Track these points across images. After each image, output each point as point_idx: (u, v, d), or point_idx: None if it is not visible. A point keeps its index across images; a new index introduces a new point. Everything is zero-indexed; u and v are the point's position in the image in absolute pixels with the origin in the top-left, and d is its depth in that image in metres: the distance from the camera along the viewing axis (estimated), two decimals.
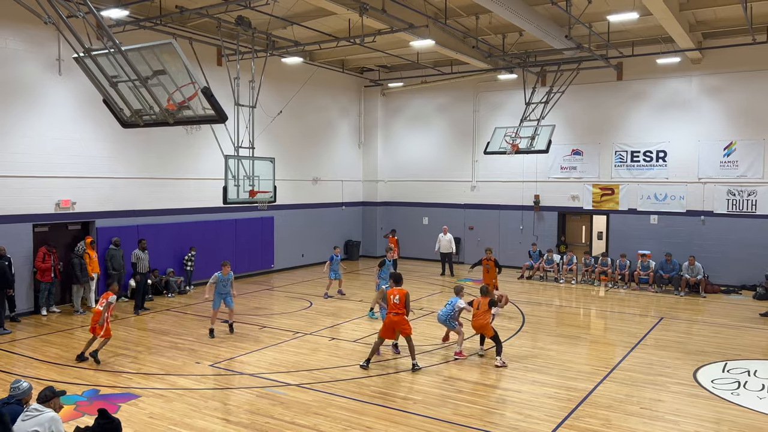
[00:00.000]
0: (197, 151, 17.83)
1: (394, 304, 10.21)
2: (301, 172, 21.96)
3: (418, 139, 24.42)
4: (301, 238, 21.99)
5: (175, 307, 15.27)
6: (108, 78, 8.09)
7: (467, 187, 23.27)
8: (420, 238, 23.89)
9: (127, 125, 8.76)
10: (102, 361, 10.59)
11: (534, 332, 13.08)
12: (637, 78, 19.80)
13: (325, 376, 9.95)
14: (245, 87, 14.18)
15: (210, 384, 9.58)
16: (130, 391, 9.15)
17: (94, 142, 15.37)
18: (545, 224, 21.70)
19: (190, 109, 8.02)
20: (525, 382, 9.68)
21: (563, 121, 20.49)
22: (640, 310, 15.49)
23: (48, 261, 13.89)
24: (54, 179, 14.54)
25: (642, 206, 19.94)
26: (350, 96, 24.60)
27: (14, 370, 10.18)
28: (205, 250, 17.94)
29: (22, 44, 13.90)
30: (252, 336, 12.51)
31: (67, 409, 8.19)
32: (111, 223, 15.77)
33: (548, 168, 21.46)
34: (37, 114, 14.24)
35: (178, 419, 8.10)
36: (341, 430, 7.77)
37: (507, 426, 7.96)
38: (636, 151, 20.01)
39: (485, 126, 22.22)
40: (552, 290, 18.28)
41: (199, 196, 18.01)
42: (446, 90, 23.31)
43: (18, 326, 13.13)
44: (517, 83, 20.39)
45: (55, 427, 5.60)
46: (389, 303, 10.30)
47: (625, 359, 11.01)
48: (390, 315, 10.24)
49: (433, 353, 11.28)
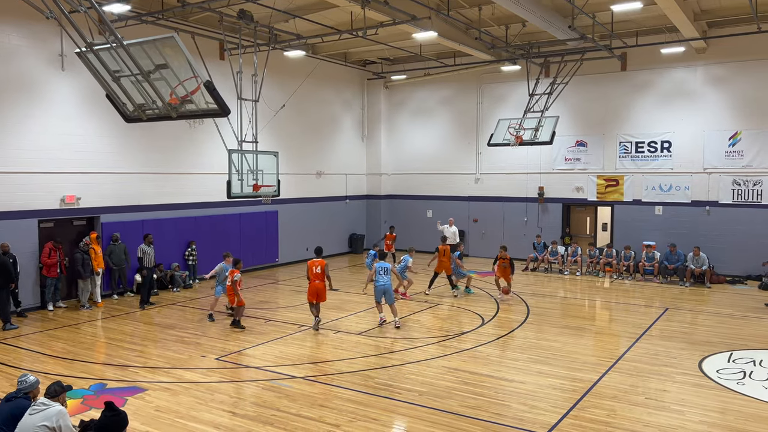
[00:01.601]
0: (201, 145, 17.84)
1: (316, 274, 12.25)
2: (304, 166, 21.97)
3: (421, 131, 24.37)
4: (305, 231, 22.01)
5: (180, 302, 15.33)
6: (110, 73, 8.09)
7: (471, 180, 23.24)
8: (424, 231, 23.88)
9: (130, 120, 8.76)
10: (115, 355, 10.65)
11: (539, 324, 13.08)
12: (642, 68, 19.69)
13: (331, 368, 9.99)
14: (248, 81, 14.17)
15: (216, 377, 9.63)
16: (137, 385, 9.20)
17: (98, 138, 15.40)
18: (549, 216, 21.66)
19: (192, 103, 8.02)
20: (530, 374, 9.69)
21: (567, 112, 20.42)
22: (645, 301, 15.47)
23: (54, 256, 13.95)
24: (59, 175, 14.58)
25: (647, 197, 19.87)
26: (353, 89, 24.56)
27: (21, 364, 10.25)
28: (209, 245, 17.99)
29: (24, 40, 13.91)
30: (257, 329, 12.56)
31: (74, 403, 8.26)
32: (116, 218, 15.82)
33: (552, 159, 21.40)
34: (41, 110, 14.27)
35: (185, 412, 8.14)
36: (347, 421, 7.80)
37: (512, 417, 7.97)
38: (640, 142, 19.93)
39: (489, 118, 22.17)
40: (557, 282, 18.27)
41: (203, 191, 18.03)
42: (449, 82, 23.24)
43: (25, 321, 13.21)
44: (521, 74, 20.30)
45: (63, 421, 5.64)
46: (312, 273, 12.30)
47: (630, 350, 11.01)
48: (314, 282, 12.25)
49: (438, 345, 11.31)
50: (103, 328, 12.94)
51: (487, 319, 13.41)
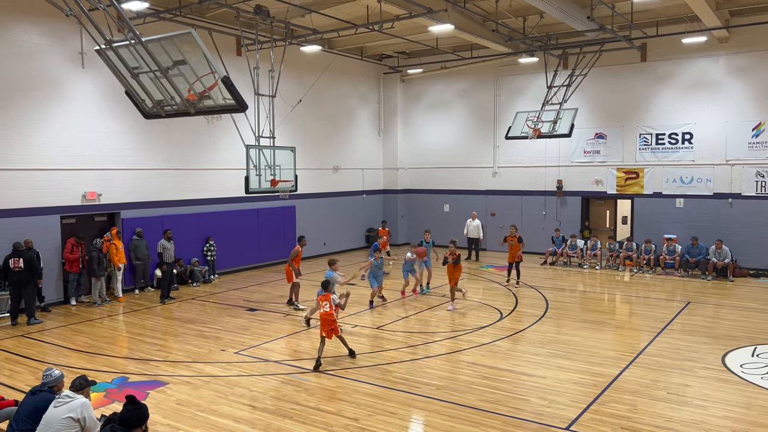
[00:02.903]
0: (219, 141, 17.95)
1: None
2: (321, 161, 22.01)
3: (438, 125, 24.27)
4: (322, 226, 22.07)
5: (200, 296, 15.46)
6: (129, 69, 8.16)
7: (488, 173, 23.11)
8: (441, 226, 23.81)
9: (149, 116, 8.84)
10: (136, 349, 10.79)
11: (558, 318, 12.99)
12: (662, 59, 19.39)
13: (349, 362, 10.01)
14: (264, 76, 14.20)
15: (235, 371, 9.70)
16: (158, 379, 9.31)
17: (119, 135, 15.56)
18: (568, 209, 21.47)
19: (210, 99, 8.07)
20: (549, 368, 9.63)
21: (586, 104, 20.20)
22: (666, 295, 15.28)
23: (76, 252, 14.15)
24: (80, 171, 14.77)
25: (667, 190, 19.60)
26: (369, 83, 24.52)
27: (46, 358, 10.42)
28: (228, 240, 18.13)
29: (45, 38, 14.08)
30: (276, 324, 12.63)
31: (97, 396, 8.38)
32: (136, 214, 15.99)
33: (571, 152, 21.19)
34: (63, 107, 14.45)
35: (205, 406, 8.22)
36: (366, 415, 7.82)
37: (532, 411, 7.93)
38: (661, 134, 19.65)
39: (506, 111, 22.01)
40: (576, 276, 18.12)
41: (221, 186, 18.16)
42: (466, 75, 23.10)
43: (48, 316, 13.42)
44: (539, 67, 20.11)
45: (87, 413, 5.72)
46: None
47: (651, 344, 10.88)
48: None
49: (456, 339, 11.28)
50: (125, 322, 13.11)
51: (506, 313, 13.34)
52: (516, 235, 16.56)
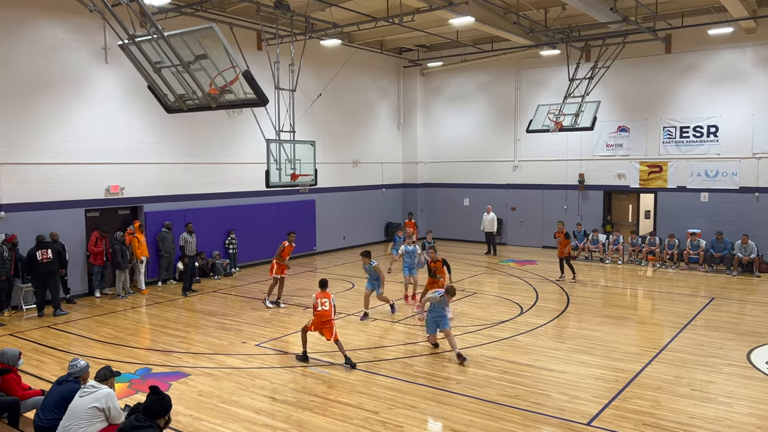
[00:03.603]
0: (239, 135, 18.07)
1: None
2: (341, 155, 22.04)
3: (458, 118, 24.15)
4: (342, 220, 22.13)
5: (221, 289, 15.61)
6: (152, 64, 8.23)
7: (509, 167, 22.95)
8: (461, 220, 23.75)
9: (172, 110, 8.91)
10: (159, 341, 10.95)
11: (579, 313, 12.88)
12: (687, 50, 19.04)
13: (369, 355, 10.04)
14: (285, 71, 14.24)
15: (256, 363, 9.79)
16: (181, 370, 9.43)
17: (141, 129, 15.74)
18: (590, 203, 21.25)
19: (231, 93, 8.11)
20: (571, 363, 9.56)
21: (609, 97, 19.93)
22: (690, 291, 15.07)
23: (100, 245, 14.38)
24: (103, 165, 14.97)
25: (692, 183, 19.29)
26: (389, 77, 24.47)
27: (71, 349, 10.61)
28: (248, 233, 18.27)
29: (69, 34, 14.27)
30: (296, 316, 12.71)
31: (121, 387, 8.51)
32: (158, 207, 16.18)
33: (593, 146, 20.95)
34: (87, 102, 14.64)
35: (227, 397, 8.31)
36: (386, 408, 7.84)
37: (553, 407, 7.88)
38: (685, 127, 19.32)
39: (527, 104, 21.81)
40: (597, 271, 17.93)
41: (242, 180, 18.29)
42: (487, 68, 22.93)
43: (73, 307, 13.66)
44: (561, 59, 19.88)
45: (111, 403, 5.82)
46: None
47: (675, 340, 10.74)
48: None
49: (477, 334, 11.25)
50: (148, 314, 13.29)
51: (526, 308, 13.26)
52: (563, 230, 16.29)
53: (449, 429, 7.27)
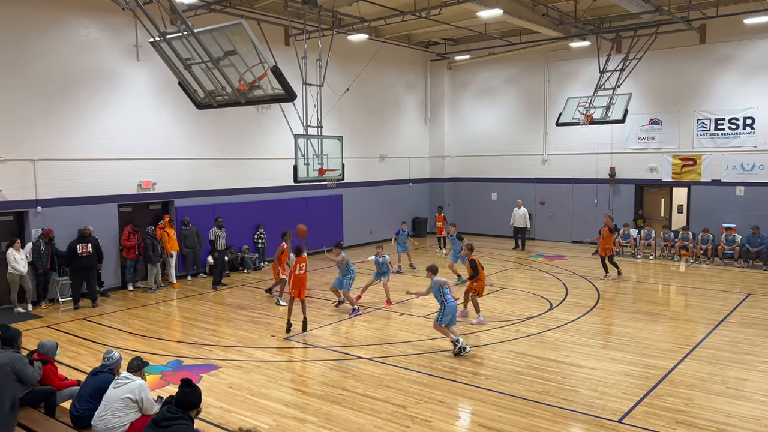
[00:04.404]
0: (268, 131, 18.21)
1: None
2: (368, 150, 22.06)
3: (486, 112, 23.95)
4: (369, 215, 22.16)
5: (250, 283, 15.79)
6: (182, 60, 8.35)
7: (538, 161, 22.69)
8: (489, 214, 23.58)
9: (202, 106, 9.03)
10: (190, 334, 11.14)
11: (609, 309, 12.70)
12: (722, 40, 18.55)
13: (396, 350, 10.05)
14: (312, 66, 14.29)
15: (285, 356, 9.88)
16: (211, 362, 9.57)
17: (172, 125, 15.97)
18: (621, 198, 20.90)
19: (260, 89, 8.19)
20: (600, 359, 9.43)
21: (640, 89, 19.53)
22: (725, 287, 14.73)
23: (132, 239, 14.66)
24: (135, 161, 15.25)
25: (727, 177, 18.82)
26: (416, 71, 24.38)
27: (105, 341, 10.85)
28: (277, 228, 18.36)
29: (102, 32, 14.54)
30: (324, 311, 12.78)
31: (154, 378, 8.68)
32: (189, 202, 16.42)
33: (624, 139, 20.59)
34: (119, 99, 14.91)
35: (256, 389, 8.41)
36: (414, 403, 7.84)
37: (582, 403, 7.79)
38: (720, 119, 18.85)
39: (557, 97, 21.52)
40: (628, 266, 17.62)
41: (270, 175, 18.44)
42: (515, 61, 22.68)
43: (107, 300, 13.97)
44: (591, 51, 19.56)
45: (144, 394, 5.95)
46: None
47: (708, 337, 10.52)
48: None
49: (505, 329, 11.17)
50: (179, 307, 13.52)
51: (556, 303, 13.13)
52: (611, 224, 15.55)
53: (477, 424, 7.24)
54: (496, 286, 14.91)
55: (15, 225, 13.57)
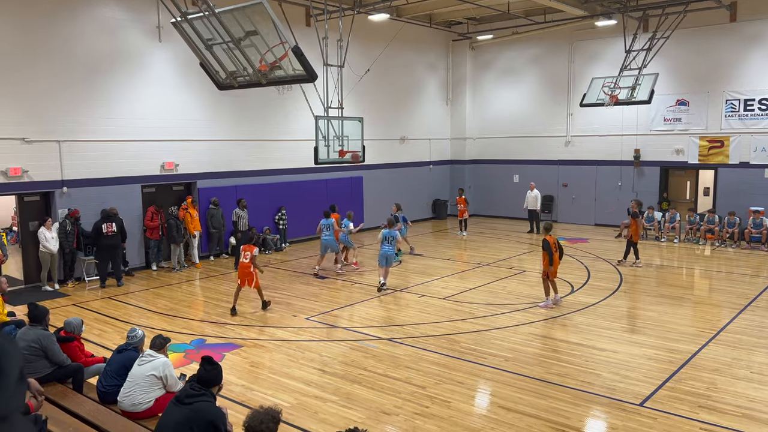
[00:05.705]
0: (289, 112, 18.21)
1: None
2: (388, 132, 21.96)
3: (508, 93, 23.65)
4: (389, 197, 22.06)
5: (272, 264, 15.92)
6: (204, 41, 8.36)
7: (561, 143, 22.40)
8: (511, 197, 23.39)
9: (223, 87, 9.05)
10: (212, 313, 11.30)
11: (632, 292, 12.57)
12: (754, 18, 18.02)
13: (416, 331, 10.08)
14: (333, 46, 14.22)
15: (306, 336, 9.97)
16: (233, 341, 9.70)
17: (194, 106, 16.06)
18: (646, 180, 20.57)
19: (281, 69, 8.17)
20: (622, 343, 9.36)
21: (667, 69, 19.10)
22: (752, 270, 14.47)
23: (156, 220, 14.84)
24: (158, 143, 15.38)
25: (755, 159, 18.40)
26: (438, 51, 24.12)
27: (130, 319, 11.05)
28: (297, 209, 18.50)
29: (126, 14, 14.61)
30: (345, 291, 12.86)
31: (177, 357, 8.83)
32: (211, 183, 16.55)
33: (650, 120, 20.20)
34: (142, 81, 15.02)
35: (277, 368, 8.51)
36: (433, 384, 7.87)
37: (603, 386, 7.75)
38: (750, 99, 18.38)
39: (581, 77, 21.15)
40: (652, 249, 17.41)
41: (291, 157, 18.48)
42: (539, 41, 22.31)
43: (132, 280, 14.21)
44: (617, 30, 19.15)
45: (168, 371, 6.05)
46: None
47: (733, 321, 10.37)
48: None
49: (525, 312, 11.13)
50: (201, 287, 13.70)
51: (578, 286, 13.03)
52: (635, 209, 15.12)
53: (497, 405, 7.25)
54: (516, 268, 14.83)
55: (42, 205, 13.82)
